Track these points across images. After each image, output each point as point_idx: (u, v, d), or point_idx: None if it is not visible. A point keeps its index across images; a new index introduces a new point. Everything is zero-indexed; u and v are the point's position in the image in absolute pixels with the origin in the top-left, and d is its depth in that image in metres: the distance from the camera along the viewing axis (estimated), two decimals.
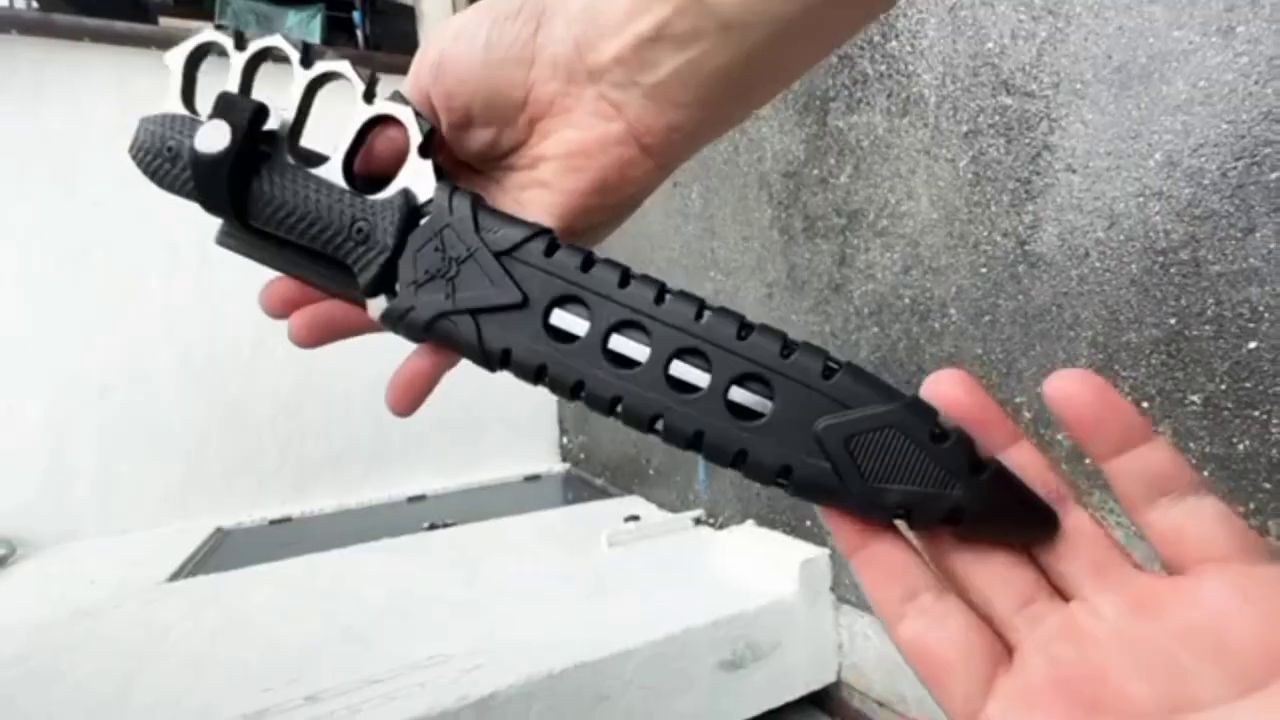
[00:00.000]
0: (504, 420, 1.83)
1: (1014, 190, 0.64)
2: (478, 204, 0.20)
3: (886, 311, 0.79)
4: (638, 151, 0.21)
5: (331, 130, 0.22)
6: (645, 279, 0.20)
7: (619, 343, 0.19)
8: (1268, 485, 0.48)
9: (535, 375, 0.19)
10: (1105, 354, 0.57)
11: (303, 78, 0.22)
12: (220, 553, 1.30)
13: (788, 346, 0.19)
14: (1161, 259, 0.53)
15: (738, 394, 0.18)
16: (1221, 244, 0.49)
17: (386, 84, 0.22)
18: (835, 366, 0.18)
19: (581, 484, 1.60)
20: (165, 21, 1.59)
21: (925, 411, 0.17)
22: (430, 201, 0.20)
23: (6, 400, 1.39)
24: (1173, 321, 0.53)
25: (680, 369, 0.18)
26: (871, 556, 0.18)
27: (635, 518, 1.11)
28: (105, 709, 0.70)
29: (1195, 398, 0.51)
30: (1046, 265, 0.61)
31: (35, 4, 1.43)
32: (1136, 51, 0.54)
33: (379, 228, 0.20)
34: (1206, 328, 0.51)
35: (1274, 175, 0.47)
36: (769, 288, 0.99)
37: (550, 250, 0.19)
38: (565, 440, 1.90)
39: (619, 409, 0.19)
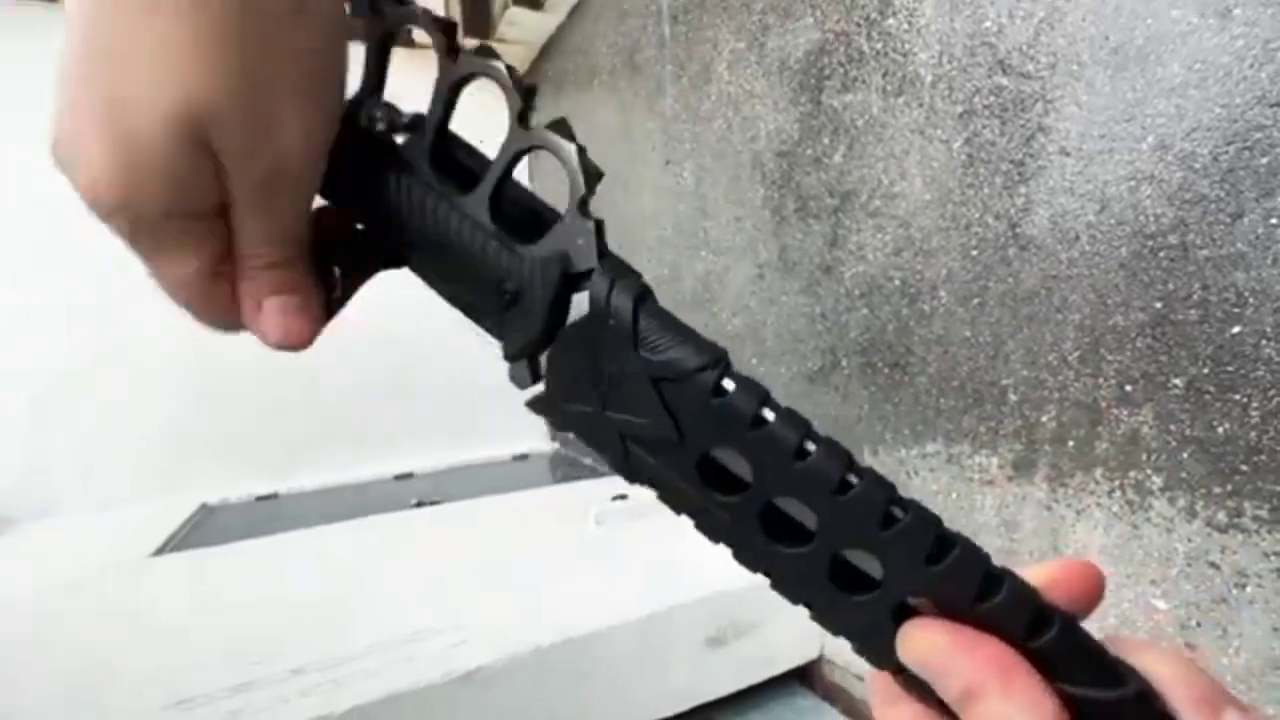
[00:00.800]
0: (493, 399, 1.82)
1: (1007, 172, 0.63)
2: (639, 307, 0.17)
3: (877, 293, 0.79)
4: None
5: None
6: (829, 448, 0.16)
7: (780, 515, 0.16)
8: (1244, 468, 0.48)
9: (676, 509, 0.17)
10: (1092, 337, 0.57)
11: (447, 73, 0.18)
12: (205, 528, 1.29)
13: (989, 583, 0.15)
14: (1150, 243, 0.53)
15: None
16: (1210, 229, 0.49)
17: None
18: (1047, 620, 0.15)
19: (570, 463, 1.61)
20: None
21: (1150, 702, 0.14)
22: (588, 278, 0.17)
23: None
24: (1159, 305, 0.53)
25: (850, 559, 0.16)
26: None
27: (623, 496, 1.12)
28: (92, 684, 0.70)
29: (1178, 381, 0.52)
30: (1037, 248, 0.61)
31: None
32: (1134, 32, 0.53)
33: (528, 296, 0.17)
34: (1192, 312, 0.51)
35: (1264, 160, 0.46)
36: (760, 268, 0.98)
37: (719, 388, 0.16)
38: None
39: (769, 577, 0.17)
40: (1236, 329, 0.48)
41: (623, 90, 1.32)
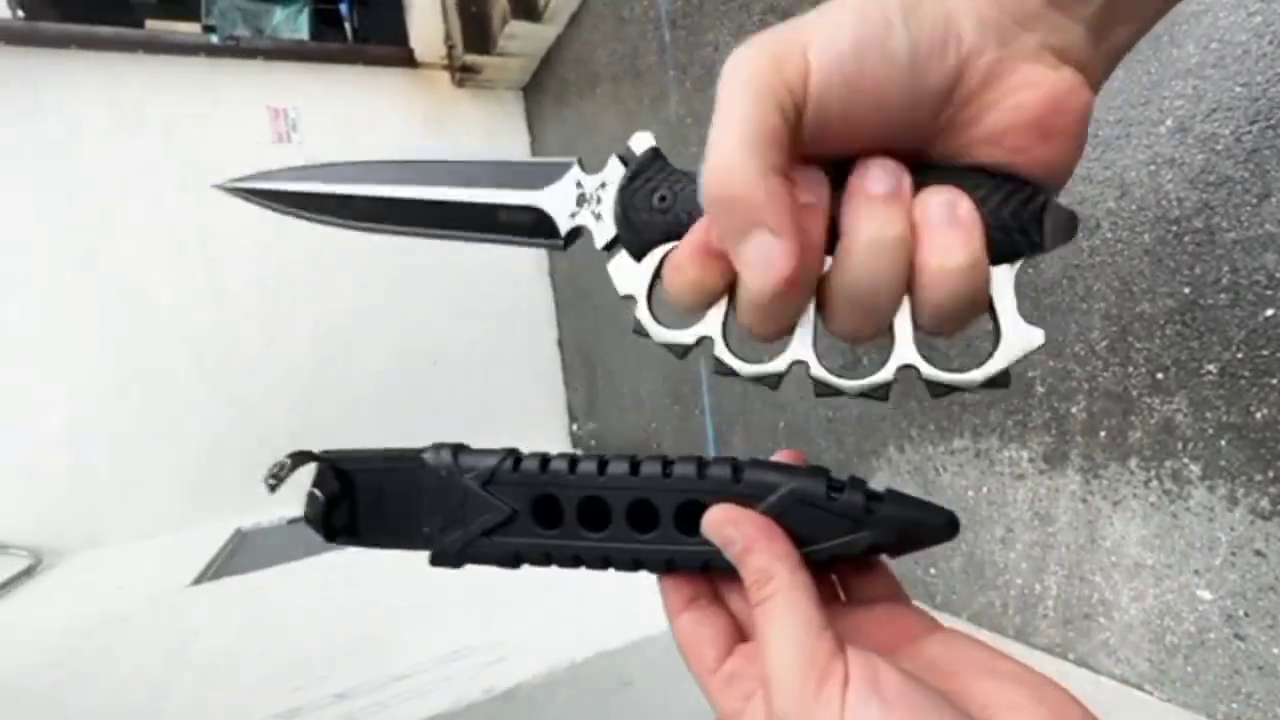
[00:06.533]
0: (513, 409, 1.84)
1: None
2: (456, 453, 0.24)
3: None
4: (1087, 91, 0.18)
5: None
6: (588, 458, 0.23)
7: (589, 515, 0.23)
8: None
9: (544, 562, 0.23)
10: (1119, 326, 0.56)
11: None
12: (241, 554, 1.32)
13: (702, 466, 0.22)
14: (1175, 228, 0.52)
15: (684, 521, 0.22)
16: (1236, 210, 0.48)
17: (374, 77, 0.21)
18: (740, 466, 0.21)
19: None
20: (151, 24, 1.57)
21: (818, 475, 0.21)
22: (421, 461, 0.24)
23: (24, 410, 1.41)
24: (1187, 291, 0.52)
25: (637, 516, 0.22)
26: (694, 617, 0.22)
27: None
28: (140, 711, 0.72)
29: (1211, 367, 0.51)
30: None
31: (20, 13, 1.41)
32: None
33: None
34: (1222, 296, 0.50)
35: None
36: None
37: (516, 465, 0.23)
38: (575, 427, 1.91)
39: (610, 565, 0.22)
40: (1270, 311, 0.47)
41: (626, 97, 1.32)
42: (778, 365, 0.21)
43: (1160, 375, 0.54)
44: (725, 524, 0.20)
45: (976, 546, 0.71)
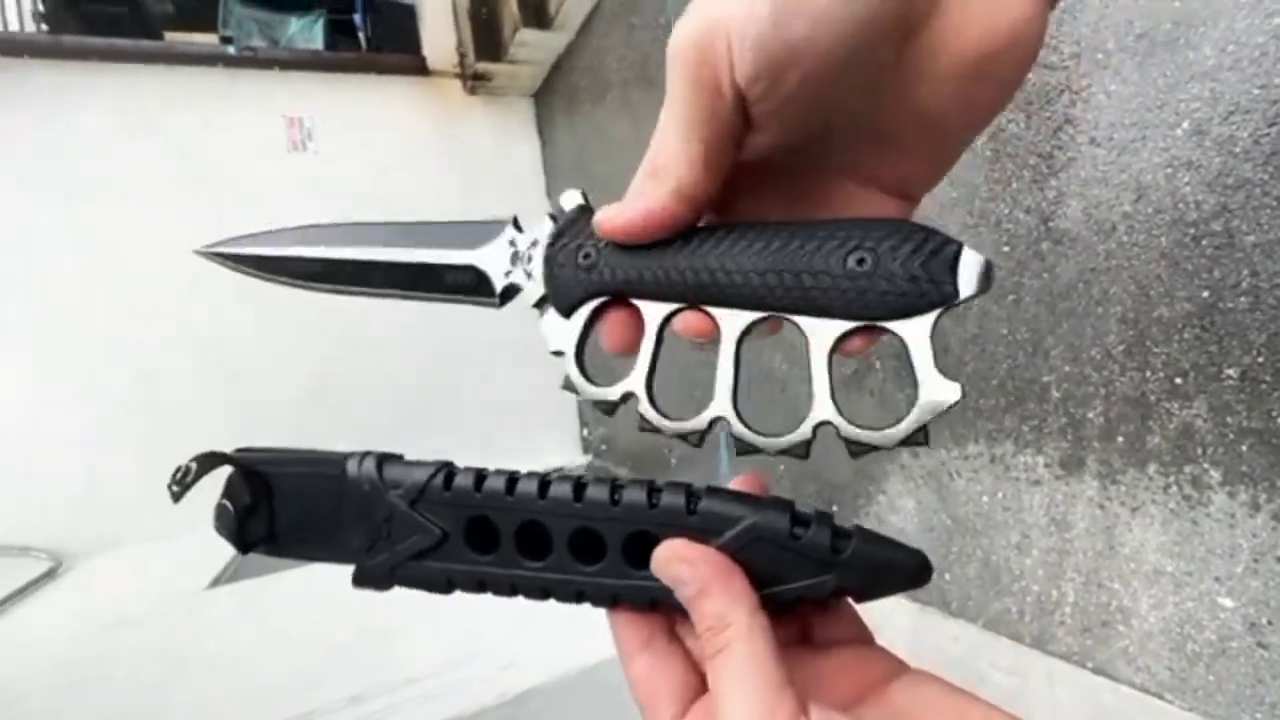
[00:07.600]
0: (524, 414, 1.84)
1: (1035, 166, 0.62)
2: (381, 465, 0.22)
3: None
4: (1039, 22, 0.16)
5: None
6: (529, 476, 0.21)
7: (528, 542, 0.21)
8: None
9: (478, 589, 0.22)
10: (1136, 330, 0.56)
11: None
12: (258, 558, 1.33)
13: (653, 493, 0.20)
14: (1192, 231, 0.52)
15: (632, 553, 0.20)
16: (1256, 213, 0.48)
17: (387, 86, 0.21)
18: (696, 495, 0.19)
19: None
20: (170, 36, 1.60)
21: (782, 508, 0.19)
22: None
23: (43, 413, 1.43)
24: (1206, 294, 0.51)
25: (581, 546, 0.20)
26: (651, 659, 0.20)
27: None
28: (157, 711, 0.72)
29: (1231, 371, 0.50)
30: (1072, 241, 0.60)
31: (45, 26, 1.44)
32: (1160, 17, 0.52)
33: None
34: (1242, 299, 0.49)
35: None
36: None
37: (447, 481, 0.21)
38: (586, 432, 1.91)
39: (550, 596, 0.21)
40: None
41: (636, 103, 1.33)
42: (699, 423, 0.20)
43: (1179, 380, 0.53)
44: (677, 562, 0.18)
45: (992, 552, 0.70)
